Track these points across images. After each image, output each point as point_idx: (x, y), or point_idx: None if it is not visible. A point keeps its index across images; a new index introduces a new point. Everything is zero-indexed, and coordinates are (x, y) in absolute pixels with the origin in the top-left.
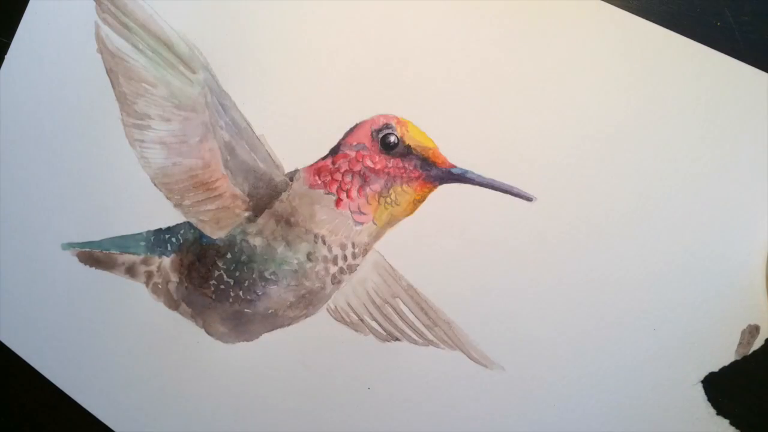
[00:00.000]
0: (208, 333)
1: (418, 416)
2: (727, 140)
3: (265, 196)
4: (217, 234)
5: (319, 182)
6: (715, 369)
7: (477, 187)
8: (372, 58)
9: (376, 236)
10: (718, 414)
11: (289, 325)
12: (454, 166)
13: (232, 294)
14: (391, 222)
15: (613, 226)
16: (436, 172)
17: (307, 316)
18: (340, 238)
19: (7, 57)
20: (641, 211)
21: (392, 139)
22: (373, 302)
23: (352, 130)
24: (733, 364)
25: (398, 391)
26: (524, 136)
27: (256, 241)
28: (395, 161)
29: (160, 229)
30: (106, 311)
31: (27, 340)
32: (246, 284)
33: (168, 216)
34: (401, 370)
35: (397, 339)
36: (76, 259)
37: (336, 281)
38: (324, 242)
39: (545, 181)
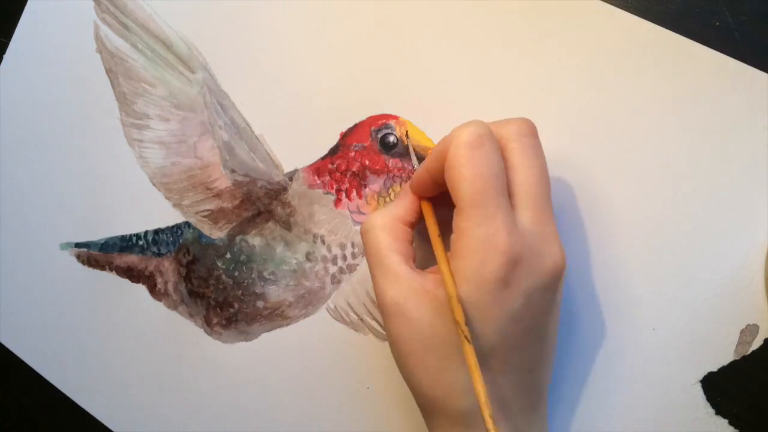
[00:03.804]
0: (208, 333)
1: (418, 416)
2: (727, 140)
3: (264, 196)
4: (216, 234)
5: (318, 182)
6: (714, 369)
7: None
8: (372, 57)
9: None
10: (717, 414)
11: (288, 325)
12: None
13: (231, 294)
14: None
15: (611, 225)
16: None
17: (306, 316)
18: (340, 237)
19: (5, 57)
20: (640, 211)
21: (391, 138)
22: (373, 302)
23: (351, 129)
24: (732, 364)
25: (398, 391)
26: None
27: (255, 241)
28: (394, 161)
29: (159, 228)
30: (105, 312)
31: (25, 340)
32: (245, 284)
33: (167, 216)
34: None
35: None
36: (74, 259)
37: (335, 281)
38: (323, 242)
39: None
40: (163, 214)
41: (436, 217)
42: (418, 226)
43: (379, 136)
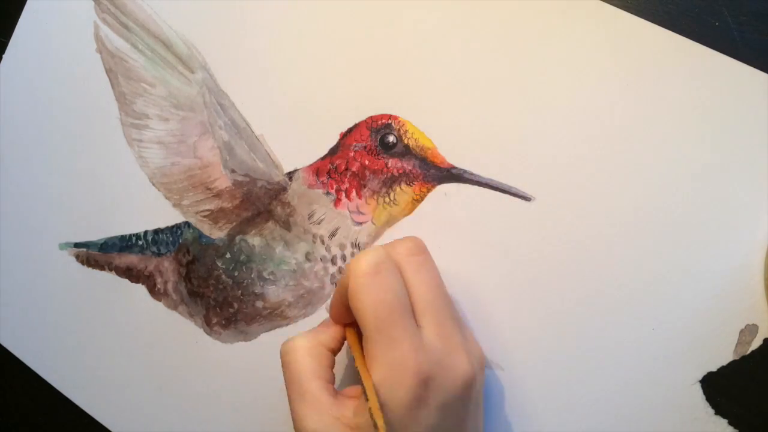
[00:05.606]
0: (207, 333)
1: None
2: (726, 140)
3: (264, 196)
4: (216, 234)
5: (318, 182)
6: (714, 369)
7: (476, 187)
8: (372, 57)
9: (375, 236)
10: (716, 414)
11: (288, 325)
12: (453, 166)
13: (230, 294)
14: (390, 222)
15: (611, 226)
16: (434, 172)
17: (306, 316)
18: (339, 238)
19: (5, 57)
20: (640, 211)
21: (391, 138)
22: None
23: (351, 129)
24: (732, 364)
25: None
26: (523, 136)
27: (255, 241)
28: (394, 161)
29: (159, 228)
30: (105, 312)
31: (24, 341)
32: (245, 284)
33: (167, 216)
34: None
35: None
36: (74, 259)
37: (335, 281)
38: (323, 242)
39: (544, 181)
40: (162, 214)
41: (360, 344)
42: None
43: (379, 136)
